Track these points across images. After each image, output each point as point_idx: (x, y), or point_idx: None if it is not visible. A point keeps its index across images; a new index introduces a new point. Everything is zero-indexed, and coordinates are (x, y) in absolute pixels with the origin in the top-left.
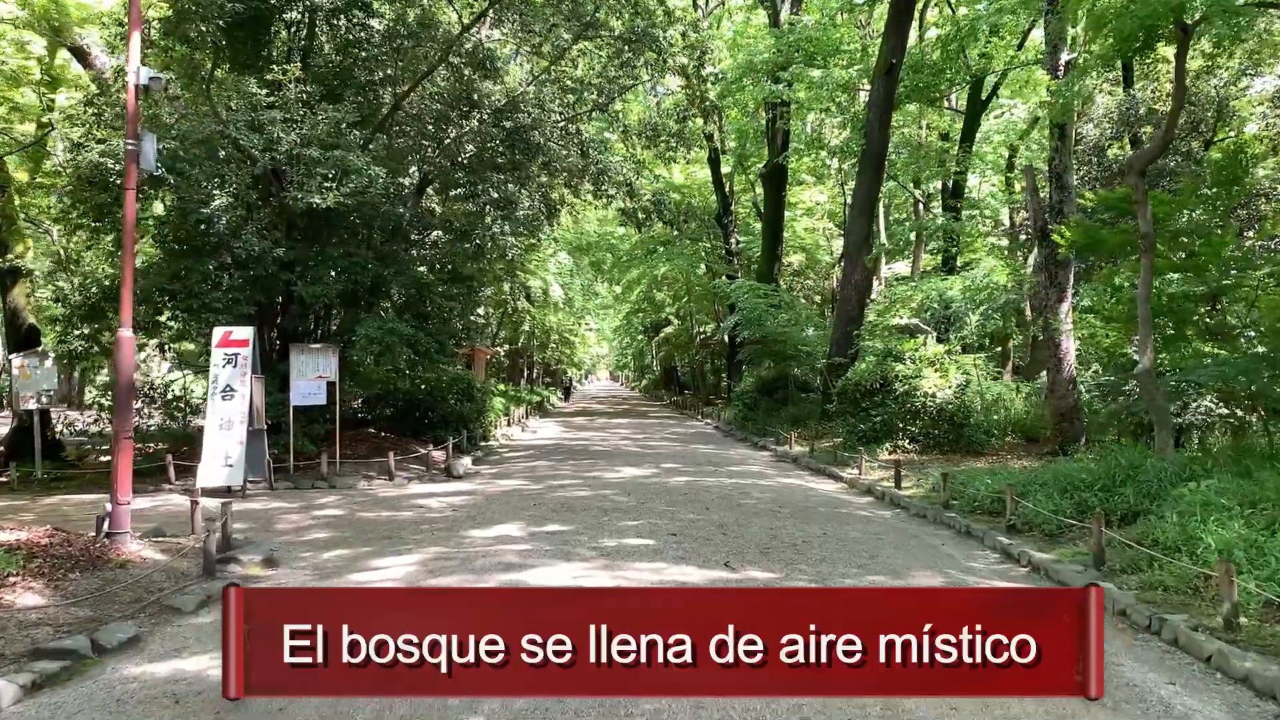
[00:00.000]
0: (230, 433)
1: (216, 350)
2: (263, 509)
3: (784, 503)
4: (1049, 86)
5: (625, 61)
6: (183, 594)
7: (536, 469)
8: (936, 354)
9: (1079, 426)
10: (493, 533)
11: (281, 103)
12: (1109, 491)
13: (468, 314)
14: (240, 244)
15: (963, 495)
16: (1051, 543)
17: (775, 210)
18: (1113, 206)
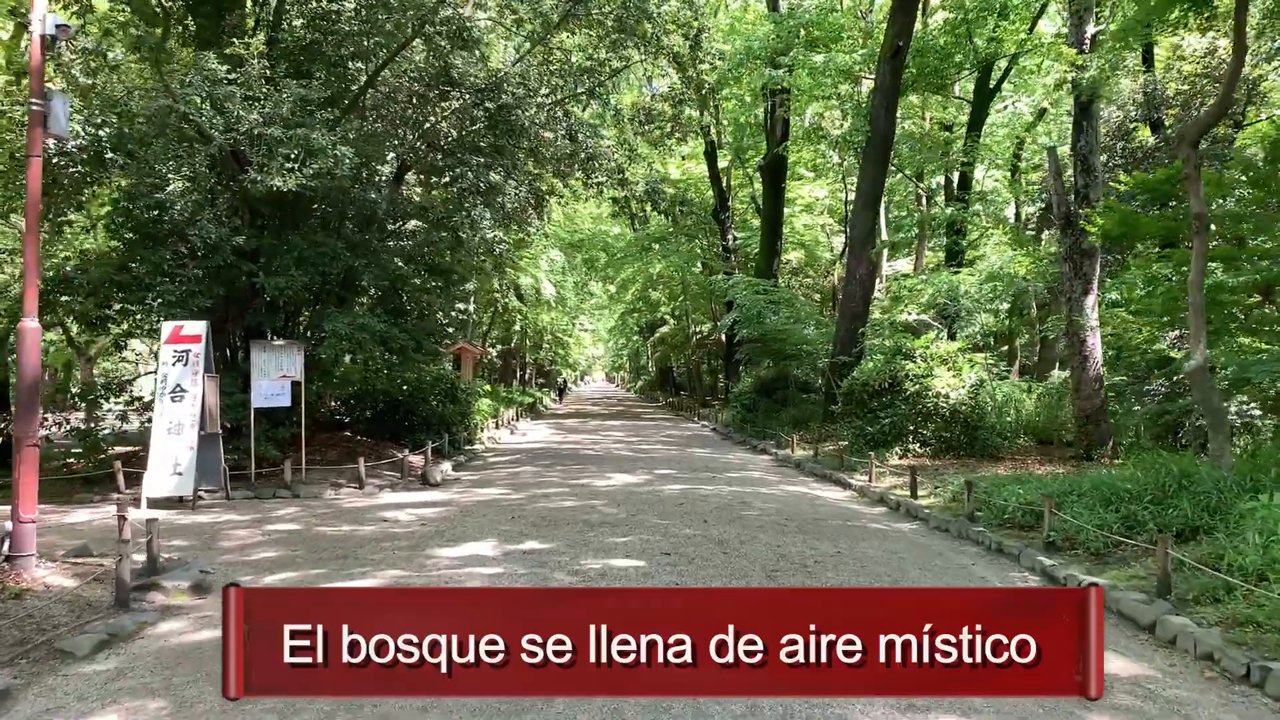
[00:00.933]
0: (180, 437)
1: (165, 347)
2: (211, 522)
3: (790, 514)
4: (1074, 61)
5: (616, 42)
6: (81, 632)
7: (520, 475)
8: (949, 351)
9: (1105, 429)
10: (462, 552)
11: (243, 79)
12: (1160, 504)
13: (447, 309)
14: (196, 232)
15: (988, 506)
16: (1099, 563)
17: (774, 204)
18: (1152, 189)
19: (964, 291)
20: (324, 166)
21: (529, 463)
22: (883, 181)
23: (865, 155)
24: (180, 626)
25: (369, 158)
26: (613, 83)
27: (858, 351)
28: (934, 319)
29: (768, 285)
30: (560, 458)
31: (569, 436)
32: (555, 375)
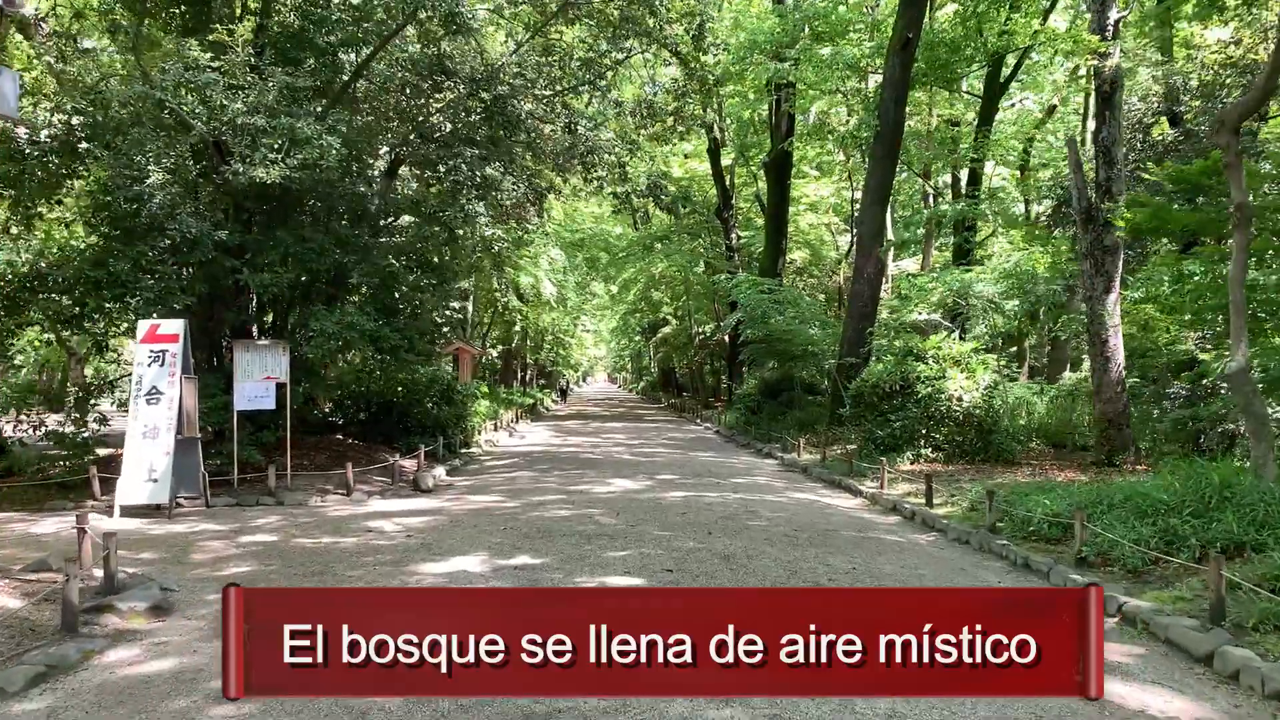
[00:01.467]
0: (156, 442)
1: (141, 346)
2: (186, 532)
3: (799, 524)
4: (1097, 48)
5: (617, 32)
6: (19, 663)
7: (517, 481)
8: (962, 353)
9: (1128, 434)
10: (447, 567)
11: (227, 67)
12: (1201, 517)
13: (440, 307)
14: (175, 226)
15: (1010, 517)
16: (1137, 581)
17: (779, 201)
18: (1186, 180)
19: (978, 290)
20: (309, 157)
21: (526, 467)
22: (892, 176)
23: (874, 149)
24: (130, 655)
25: (360, 150)
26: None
27: (865, 352)
28: (942, 319)
29: (772, 284)
30: (559, 462)
31: (569, 439)
32: (557, 376)
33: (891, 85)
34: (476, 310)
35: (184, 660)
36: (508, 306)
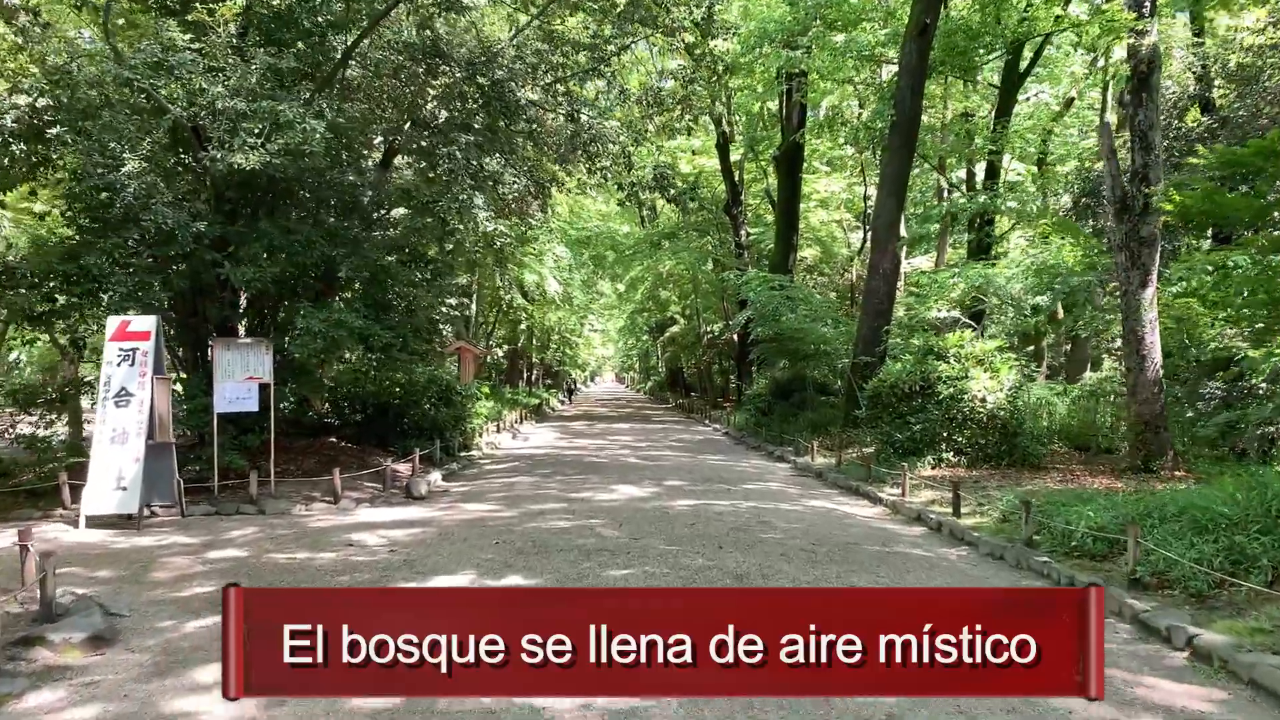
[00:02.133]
0: (125, 447)
1: (110, 345)
2: (152, 546)
3: (817, 537)
4: (1134, 26)
5: (622, 15)
6: None
7: (516, 487)
8: (985, 351)
9: (1165, 437)
10: (431, 588)
11: (207, 48)
12: (1271, 534)
13: (437, 304)
14: (149, 216)
15: (1049, 529)
16: (1202, 607)
17: (790, 195)
18: (1239, 163)
19: (1003, 286)
20: (292, 142)
21: (527, 472)
22: (909, 167)
23: (890, 139)
24: (54, 699)
25: (350, 138)
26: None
27: (881, 351)
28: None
29: (783, 280)
30: (561, 465)
31: (574, 441)
32: (563, 376)
33: (908, 73)
34: (481, 309)
35: (108, 709)
36: (512, 305)
